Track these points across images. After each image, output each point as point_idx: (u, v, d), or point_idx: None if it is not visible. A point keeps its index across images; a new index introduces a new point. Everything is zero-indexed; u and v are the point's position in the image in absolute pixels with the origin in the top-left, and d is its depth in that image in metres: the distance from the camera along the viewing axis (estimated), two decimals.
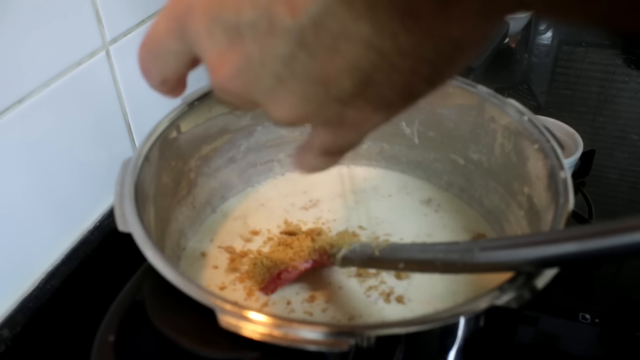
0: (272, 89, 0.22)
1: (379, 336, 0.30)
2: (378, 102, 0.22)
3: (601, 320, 0.54)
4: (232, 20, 0.20)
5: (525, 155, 0.44)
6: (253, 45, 0.20)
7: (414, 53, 0.19)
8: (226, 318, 0.30)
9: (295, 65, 0.20)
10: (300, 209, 0.55)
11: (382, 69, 0.20)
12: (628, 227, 0.25)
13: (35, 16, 0.45)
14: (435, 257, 0.34)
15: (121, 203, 0.37)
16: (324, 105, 0.22)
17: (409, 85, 0.21)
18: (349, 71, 0.20)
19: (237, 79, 0.22)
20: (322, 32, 0.19)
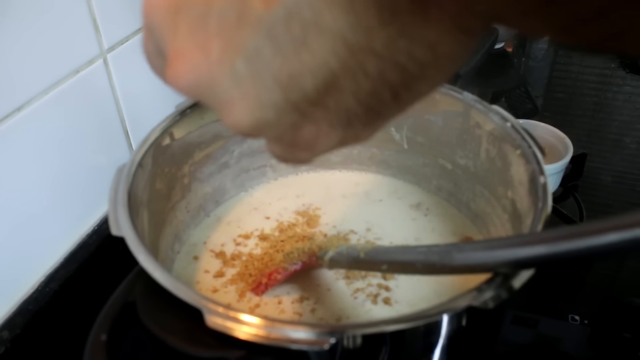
0: (226, 90, 0.20)
1: (365, 335, 0.31)
2: (338, 114, 0.21)
3: (590, 321, 0.55)
4: (199, 10, 0.19)
5: (508, 161, 0.45)
6: (215, 38, 0.19)
7: (387, 54, 0.18)
8: (213, 318, 0.31)
9: (257, 60, 0.19)
10: (293, 212, 0.56)
11: (349, 70, 0.19)
12: (593, 230, 0.26)
13: (33, 25, 0.46)
14: (416, 258, 0.35)
15: (115, 208, 0.38)
16: (280, 114, 0.20)
17: (375, 95, 0.20)
18: (314, 70, 0.19)
19: (190, 79, 0.21)
20: (293, 23, 0.18)
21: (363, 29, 0.18)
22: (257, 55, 0.19)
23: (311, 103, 0.20)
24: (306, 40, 0.18)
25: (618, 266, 0.62)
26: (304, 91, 0.19)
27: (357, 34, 0.18)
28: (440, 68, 0.19)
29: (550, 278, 0.61)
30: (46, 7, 0.47)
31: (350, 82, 0.19)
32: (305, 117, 0.21)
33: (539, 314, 0.55)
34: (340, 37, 0.18)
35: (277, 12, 0.18)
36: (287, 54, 0.19)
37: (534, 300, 0.58)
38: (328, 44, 0.18)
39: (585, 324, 0.55)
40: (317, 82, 0.19)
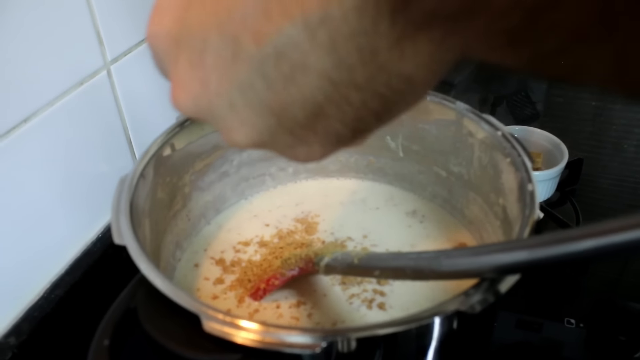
0: (225, 117, 0.22)
1: (358, 339, 0.32)
2: (327, 136, 0.22)
3: (586, 324, 0.56)
4: (197, 46, 0.21)
5: (499, 169, 0.46)
6: (213, 72, 0.21)
7: (368, 87, 0.20)
8: (210, 323, 0.32)
9: (251, 93, 0.21)
10: (292, 220, 0.57)
11: (334, 101, 0.20)
12: (571, 237, 0.27)
13: (38, 39, 0.48)
14: (406, 265, 0.36)
15: (117, 218, 0.40)
16: (275, 136, 0.22)
17: (359, 120, 0.21)
18: (302, 102, 0.21)
19: (193, 106, 0.23)
20: (282, 62, 0.20)
21: (345, 68, 0.19)
22: (251, 89, 0.21)
23: (302, 127, 0.22)
24: (294, 77, 0.20)
25: (620, 269, 0.63)
26: (295, 119, 0.21)
27: (340, 72, 0.19)
28: (417, 93, 0.21)
29: (545, 282, 0.62)
30: (51, 21, 0.49)
31: (336, 111, 0.21)
32: (299, 139, 0.23)
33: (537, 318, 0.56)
34: (324, 75, 0.20)
35: (267, 52, 0.20)
36: (277, 88, 0.20)
37: (529, 304, 0.59)
38: (314, 81, 0.20)
39: (581, 327, 0.56)
40: (306, 111, 0.21)
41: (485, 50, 0.18)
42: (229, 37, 0.20)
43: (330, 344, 0.32)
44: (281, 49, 0.19)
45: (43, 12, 0.47)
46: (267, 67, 0.20)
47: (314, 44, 0.19)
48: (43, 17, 0.48)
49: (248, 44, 0.20)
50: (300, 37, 0.19)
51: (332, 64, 0.19)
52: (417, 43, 0.19)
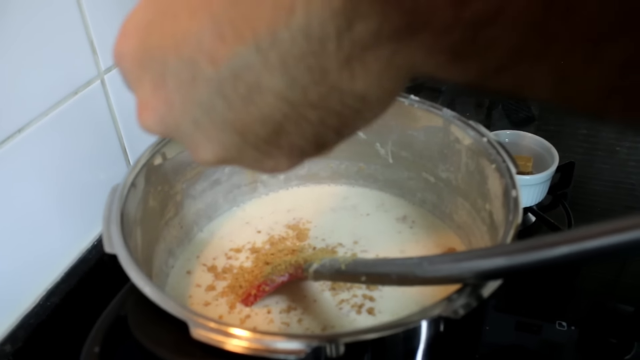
0: (191, 135, 0.23)
1: (347, 343, 0.33)
2: (291, 150, 0.23)
3: (577, 327, 0.56)
4: (158, 68, 0.22)
5: (485, 174, 0.47)
6: (175, 93, 0.22)
7: (322, 105, 0.21)
8: (197, 330, 0.33)
9: (214, 113, 0.22)
10: (284, 226, 0.58)
11: (292, 119, 0.21)
12: (547, 243, 0.28)
13: (32, 49, 0.48)
14: (392, 270, 0.37)
15: (108, 227, 0.41)
16: (241, 152, 0.23)
17: (319, 136, 0.22)
18: (262, 120, 0.21)
19: (159, 125, 0.23)
20: (239, 83, 0.20)
21: (298, 88, 0.20)
22: (213, 109, 0.21)
23: (266, 143, 0.22)
24: (251, 97, 0.21)
25: (618, 271, 0.63)
26: (258, 136, 0.22)
27: (294, 92, 0.20)
28: (374, 109, 0.22)
29: (537, 285, 0.63)
30: (44, 31, 0.49)
31: (295, 128, 0.22)
32: (264, 154, 0.23)
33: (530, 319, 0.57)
34: (280, 95, 0.20)
35: (224, 74, 0.20)
36: (237, 108, 0.21)
37: (520, 307, 0.60)
38: (270, 100, 0.20)
39: (573, 330, 0.56)
40: (267, 129, 0.22)
41: (433, 67, 0.19)
42: (187, 60, 0.21)
43: (319, 349, 0.32)
44: (236, 71, 0.20)
45: (36, 23, 0.48)
46: (225, 88, 0.21)
47: (266, 65, 0.20)
48: (37, 28, 0.48)
49: (205, 66, 0.20)
50: (253, 59, 0.20)
51: (285, 84, 0.20)
52: (366, 62, 0.19)
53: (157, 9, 0.22)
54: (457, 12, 0.16)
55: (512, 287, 0.62)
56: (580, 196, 0.75)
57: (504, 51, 0.17)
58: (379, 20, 0.18)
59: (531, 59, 0.17)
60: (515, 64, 0.17)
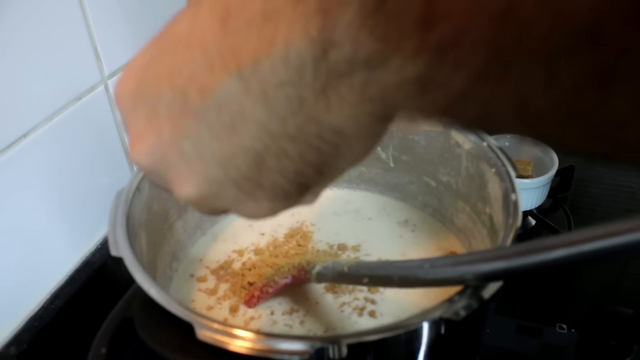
0: (177, 167, 0.23)
1: (350, 345, 0.33)
2: (273, 191, 0.23)
3: (577, 330, 0.57)
4: (152, 100, 0.23)
5: (485, 178, 0.48)
6: (166, 124, 0.23)
7: (300, 137, 0.21)
8: (203, 331, 0.33)
9: (199, 144, 0.22)
10: (287, 229, 0.59)
11: (273, 152, 0.21)
12: (545, 246, 0.29)
13: (36, 55, 0.49)
14: (393, 273, 0.38)
15: (114, 231, 0.41)
16: (223, 188, 0.23)
17: (300, 174, 0.22)
18: (244, 152, 0.22)
19: (148, 157, 0.24)
20: (223, 112, 0.21)
21: (277, 118, 0.21)
22: (199, 139, 0.22)
23: (247, 180, 0.23)
24: (235, 127, 0.21)
25: (619, 274, 0.64)
26: (239, 170, 0.22)
27: (273, 122, 0.21)
28: (353, 148, 0.22)
29: (538, 288, 0.63)
30: (48, 37, 0.50)
31: (276, 162, 0.22)
32: (246, 193, 0.24)
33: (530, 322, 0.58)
34: (260, 125, 0.21)
35: (210, 104, 0.21)
36: (221, 138, 0.22)
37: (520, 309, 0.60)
38: (252, 130, 0.21)
39: (573, 332, 0.57)
40: (249, 162, 0.22)
41: (403, 99, 0.19)
42: (179, 91, 0.22)
43: (322, 350, 0.33)
44: (221, 100, 0.21)
45: (40, 29, 0.49)
46: (210, 117, 0.21)
47: (248, 94, 0.20)
48: (40, 34, 0.49)
49: (194, 96, 0.21)
50: (236, 88, 0.20)
51: (265, 114, 0.21)
52: (340, 92, 0.20)
53: (159, 47, 0.23)
54: (424, 36, 0.17)
55: (513, 291, 0.63)
56: (580, 199, 0.76)
57: (468, 76, 0.17)
58: (353, 48, 0.18)
59: (493, 83, 0.17)
60: (479, 90, 0.18)
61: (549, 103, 0.17)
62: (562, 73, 0.16)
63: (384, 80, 0.19)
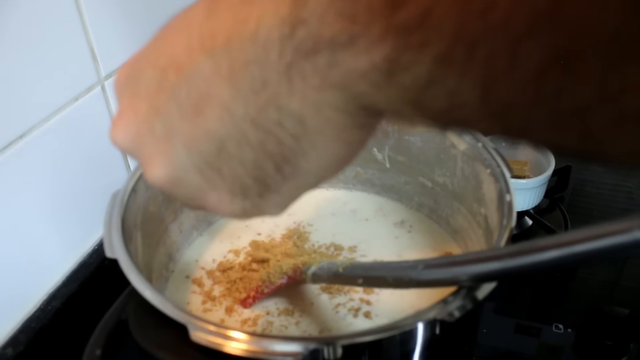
0: (147, 146, 0.24)
1: (345, 346, 0.33)
2: (233, 183, 0.24)
3: (574, 329, 0.57)
4: (137, 80, 0.24)
5: (480, 179, 0.48)
6: (143, 102, 0.23)
7: (261, 122, 0.21)
8: (197, 333, 0.34)
9: (169, 123, 0.23)
10: (284, 229, 0.59)
11: (234, 137, 0.22)
12: (538, 247, 0.29)
13: (32, 56, 0.49)
14: (388, 273, 0.38)
15: (109, 232, 0.41)
16: (186, 173, 0.24)
17: (259, 167, 0.23)
18: (207, 135, 0.22)
19: (124, 134, 0.24)
20: (192, 91, 0.22)
21: (241, 98, 0.21)
22: (169, 118, 0.23)
23: (209, 166, 0.23)
24: (201, 107, 0.22)
25: (618, 273, 0.64)
26: (202, 154, 0.23)
27: (237, 103, 0.21)
28: (316, 147, 0.22)
29: (534, 288, 0.63)
30: (45, 38, 0.50)
31: (237, 149, 0.22)
32: (207, 182, 0.24)
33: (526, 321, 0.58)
34: (224, 106, 0.21)
35: (182, 82, 0.22)
36: (189, 118, 0.22)
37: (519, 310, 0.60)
38: (216, 112, 0.22)
39: (569, 332, 0.57)
40: (211, 146, 0.22)
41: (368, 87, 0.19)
42: (159, 70, 0.23)
43: (317, 352, 0.33)
44: (192, 79, 0.22)
45: (37, 30, 0.49)
46: (181, 96, 0.22)
47: (217, 73, 0.21)
48: (37, 35, 0.49)
49: (171, 74, 0.22)
50: (207, 67, 0.21)
51: (229, 94, 0.21)
52: (304, 73, 0.20)
53: (155, 36, 0.24)
54: (390, 16, 0.17)
55: (511, 291, 0.63)
56: (577, 199, 0.76)
57: (433, 58, 0.17)
58: (319, 26, 0.19)
59: (458, 67, 0.17)
60: (444, 75, 0.18)
61: (513, 89, 0.17)
62: (525, 55, 0.16)
63: (349, 63, 0.19)
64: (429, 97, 0.18)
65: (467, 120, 0.19)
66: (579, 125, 0.17)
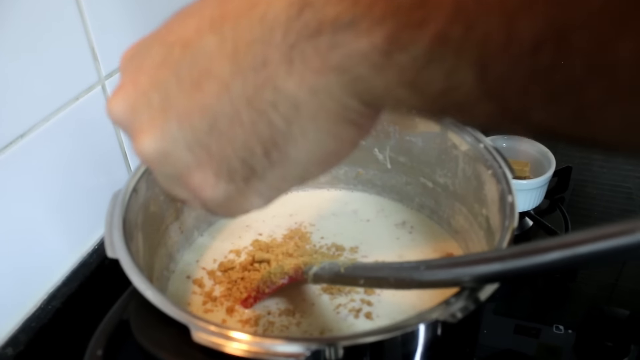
0: (141, 118, 0.24)
1: (346, 347, 0.33)
2: (220, 163, 0.24)
3: (574, 330, 0.57)
4: (142, 56, 0.24)
5: (482, 180, 0.48)
6: (145, 74, 0.24)
7: (256, 101, 0.22)
8: (199, 334, 0.33)
9: (166, 96, 0.23)
10: (286, 230, 0.59)
11: (227, 115, 0.22)
12: (540, 248, 0.29)
13: (32, 55, 0.49)
14: (390, 274, 0.38)
15: (110, 232, 0.41)
16: (176, 148, 0.24)
17: (248, 149, 0.23)
18: (202, 110, 0.23)
19: (120, 105, 0.25)
20: (194, 67, 0.22)
21: (240, 75, 0.21)
22: (167, 91, 0.23)
23: (198, 143, 0.23)
24: (201, 83, 0.22)
25: (617, 275, 0.64)
26: (194, 130, 0.23)
27: (236, 80, 0.22)
28: (306, 135, 0.22)
29: (535, 289, 0.64)
30: (45, 37, 0.50)
31: (228, 127, 0.23)
32: (195, 160, 0.24)
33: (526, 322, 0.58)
34: (223, 83, 0.22)
35: (187, 57, 0.22)
36: (186, 92, 0.23)
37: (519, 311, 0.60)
38: (214, 88, 0.22)
39: (570, 333, 0.57)
40: (203, 122, 0.23)
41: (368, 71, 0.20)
42: (166, 45, 0.23)
43: (318, 352, 0.33)
44: (197, 55, 0.22)
45: (37, 29, 0.49)
46: (183, 70, 0.23)
47: (221, 51, 0.22)
48: (37, 34, 0.49)
49: (177, 50, 0.23)
50: (213, 44, 0.22)
51: (230, 71, 0.22)
52: (305, 55, 0.20)
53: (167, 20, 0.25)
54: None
55: (511, 292, 0.63)
56: (578, 200, 0.76)
57: (431, 36, 0.18)
58: (323, 6, 0.19)
59: (455, 45, 0.18)
60: (442, 54, 0.18)
61: (509, 65, 0.17)
62: (520, 30, 0.17)
63: (350, 44, 0.19)
64: (427, 78, 0.19)
65: (464, 103, 0.19)
66: (573, 102, 0.17)
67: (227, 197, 0.25)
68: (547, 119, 0.18)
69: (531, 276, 0.36)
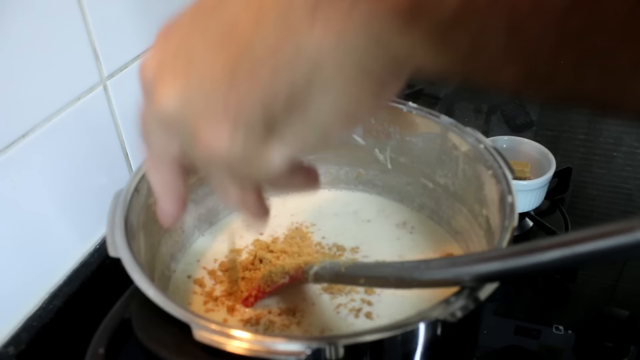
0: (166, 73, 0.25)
1: (346, 345, 0.33)
2: (237, 113, 0.23)
3: (574, 331, 0.57)
4: (174, 22, 0.25)
5: (482, 180, 0.48)
6: (175, 38, 0.25)
7: (276, 58, 0.22)
8: (200, 332, 0.34)
9: (192, 52, 0.24)
10: (287, 229, 0.59)
11: (248, 70, 0.22)
12: (540, 247, 0.29)
13: (35, 55, 0.49)
14: (390, 273, 0.38)
15: (112, 231, 0.41)
16: (195, 96, 0.24)
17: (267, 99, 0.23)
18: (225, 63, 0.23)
19: (150, 62, 0.25)
20: (220, 25, 0.23)
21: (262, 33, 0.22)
22: (192, 49, 0.24)
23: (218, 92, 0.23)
24: (224, 38, 0.23)
25: (617, 275, 0.64)
26: (214, 77, 0.23)
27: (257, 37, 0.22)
28: (326, 94, 0.22)
29: (534, 289, 0.64)
30: (47, 37, 0.50)
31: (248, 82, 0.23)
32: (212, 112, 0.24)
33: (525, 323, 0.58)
34: (247, 39, 0.22)
35: (213, 18, 0.23)
36: (211, 48, 0.23)
37: (519, 311, 0.60)
38: (238, 43, 0.22)
39: (570, 334, 0.57)
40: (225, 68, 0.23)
41: (392, 29, 0.19)
42: (195, 10, 0.24)
43: (319, 351, 0.33)
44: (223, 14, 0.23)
45: (39, 29, 0.49)
46: (209, 29, 0.23)
47: (246, 10, 0.22)
48: (39, 34, 0.49)
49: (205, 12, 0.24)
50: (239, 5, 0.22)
51: (253, 28, 0.22)
52: (328, 15, 0.20)
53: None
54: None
55: (511, 292, 0.63)
56: (578, 201, 0.76)
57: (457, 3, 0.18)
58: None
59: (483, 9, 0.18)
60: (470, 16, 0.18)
61: (538, 30, 0.17)
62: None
63: (373, 4, 0.19)
64: (453, 39, 0.18)
65: (491, 66, 0.19)
66: (603, 68, 0.17)
67: (244, 152, 0.24)
68: (575, 83, 0.18)
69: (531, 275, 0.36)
